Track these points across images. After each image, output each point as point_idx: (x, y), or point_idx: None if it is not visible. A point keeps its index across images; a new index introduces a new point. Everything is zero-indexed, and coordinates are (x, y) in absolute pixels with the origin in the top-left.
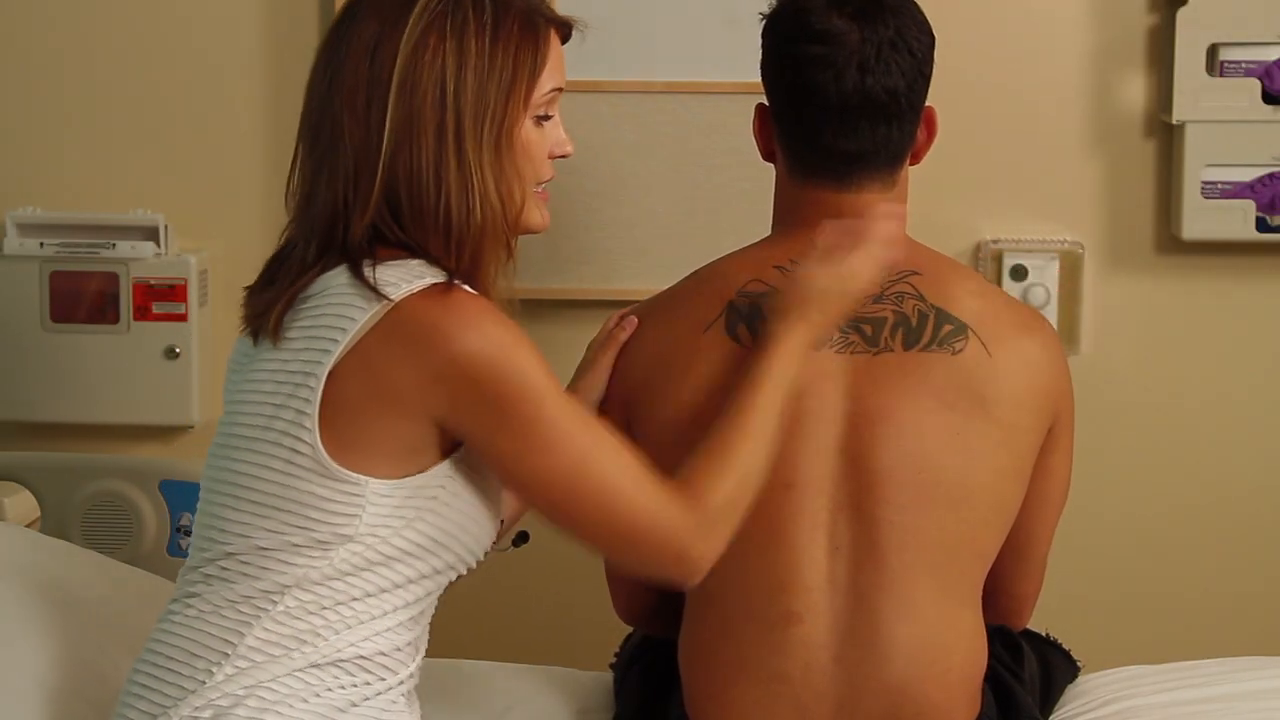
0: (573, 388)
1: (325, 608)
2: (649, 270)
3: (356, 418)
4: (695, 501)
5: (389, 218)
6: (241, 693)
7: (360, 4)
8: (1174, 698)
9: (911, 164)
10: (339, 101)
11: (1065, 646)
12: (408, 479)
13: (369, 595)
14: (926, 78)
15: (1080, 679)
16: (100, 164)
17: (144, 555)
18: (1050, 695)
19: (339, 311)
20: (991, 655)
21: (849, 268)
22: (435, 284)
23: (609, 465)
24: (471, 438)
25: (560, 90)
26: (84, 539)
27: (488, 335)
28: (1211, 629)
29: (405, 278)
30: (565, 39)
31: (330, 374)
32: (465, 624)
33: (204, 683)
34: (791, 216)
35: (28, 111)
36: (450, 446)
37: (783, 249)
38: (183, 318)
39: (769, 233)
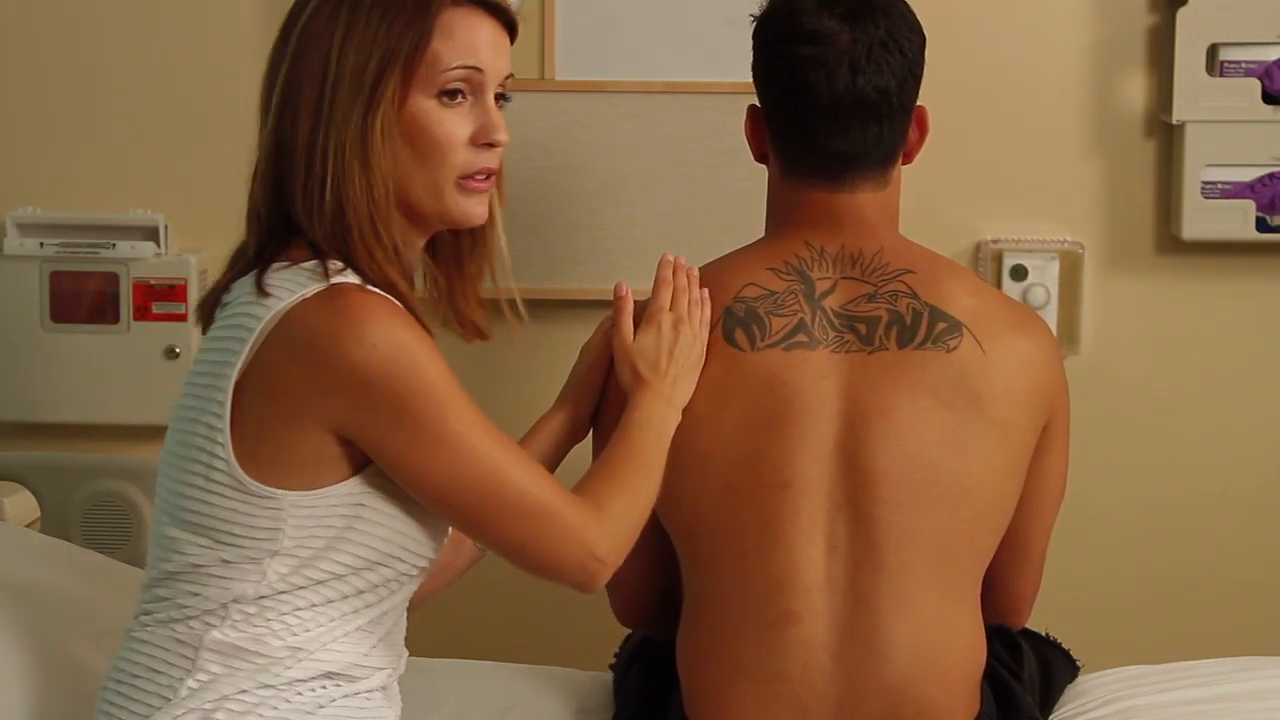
0: (565, 395)
1: (271, 619)
2: (649, 270)
3: (263, 429)
4: (596, 507)
5: (298, 201)
6: (209, 706)
7: None
8: (1174, 698)
9: (904, 164)
10: (264, 86)
11: (1065, 646)
12: (328, 489)
13: (315, 605)
14: (917, 77)
15: (1080, 679)
16: (100, 164)
17: (143, 555)
18: (1050, 695)
19: (239, 322)
20: (991, 654)
21: (663, 314)
22: (329, 287)
23: (515, 467)
24: (371, 446)
25: (478, 70)
26: (84, 539)
27: (380, 339)
28: (1211, 629)
29: (299, 282)
30: (509, 28)
31: (236, 385)
32: (465, 624)
33: (169, 699)
34: (785, 218)
35: (28, 111)
36: (365, 455)
37: (777, 251)
38: (183, 318)
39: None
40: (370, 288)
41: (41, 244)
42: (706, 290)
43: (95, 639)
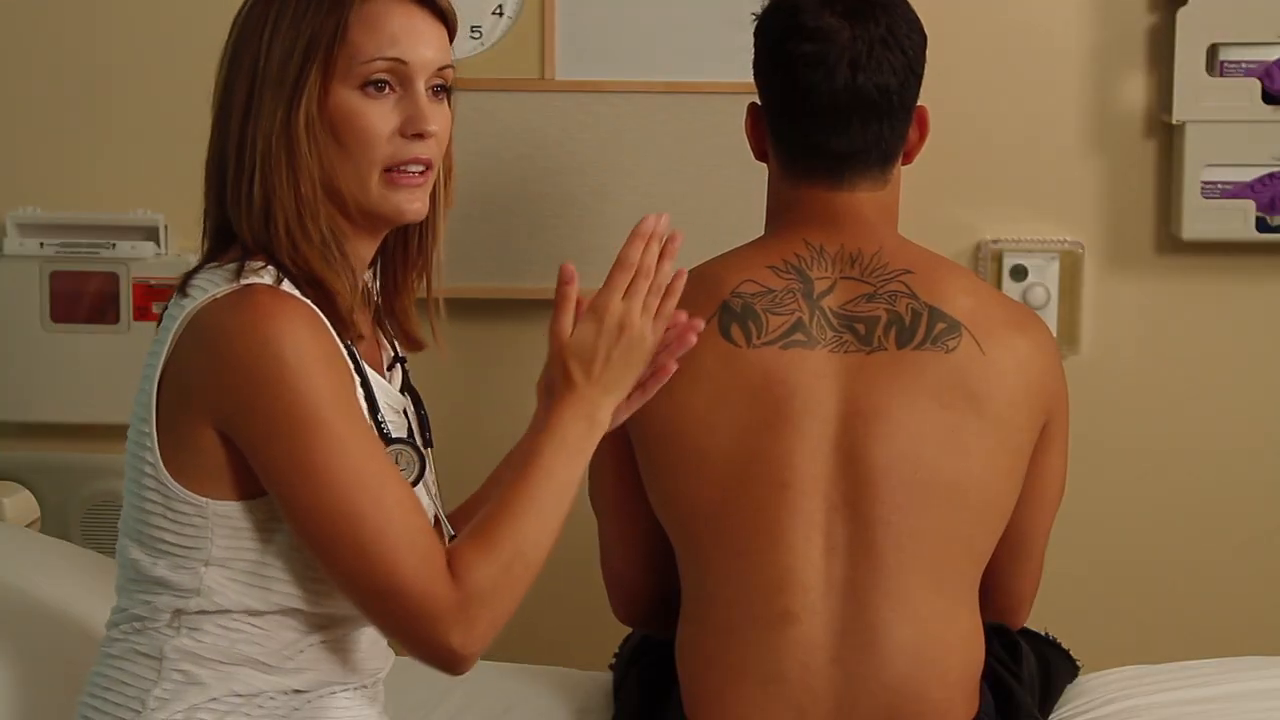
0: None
1: (227, 628)
2: None
3: (177, 431)
4: (458, 584)
5: (217, 203)
6: (180, 716)
7: None
8: (1174, 698)
9: (904, 163)
10: (216, 82)
11: (1065, 646)
12: (253, 500)
13: (270, 620)
14: (918, 76)
15: (1080, 679)
16: (100, 164)
17: None
18: (1050, 695)
19: (164, 324)
20: (990, 654)
21: (609, 309)
22: (241, 286)
23: (379, 511)
24: (249, 451)
25: (401, 61)
26: (84, 539)
27: (275, 343)
28: (1211, 629)
29: (214, 282)
30: (441, 18)
31: (158, 388)
32: None
33: (139, 711)
34: (785, 216)
35: (28, 111)
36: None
37: (776, 249)
38: None
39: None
40: (285, 289)
41: (41, 244)
42: (682, 272)
43: (94, 640)
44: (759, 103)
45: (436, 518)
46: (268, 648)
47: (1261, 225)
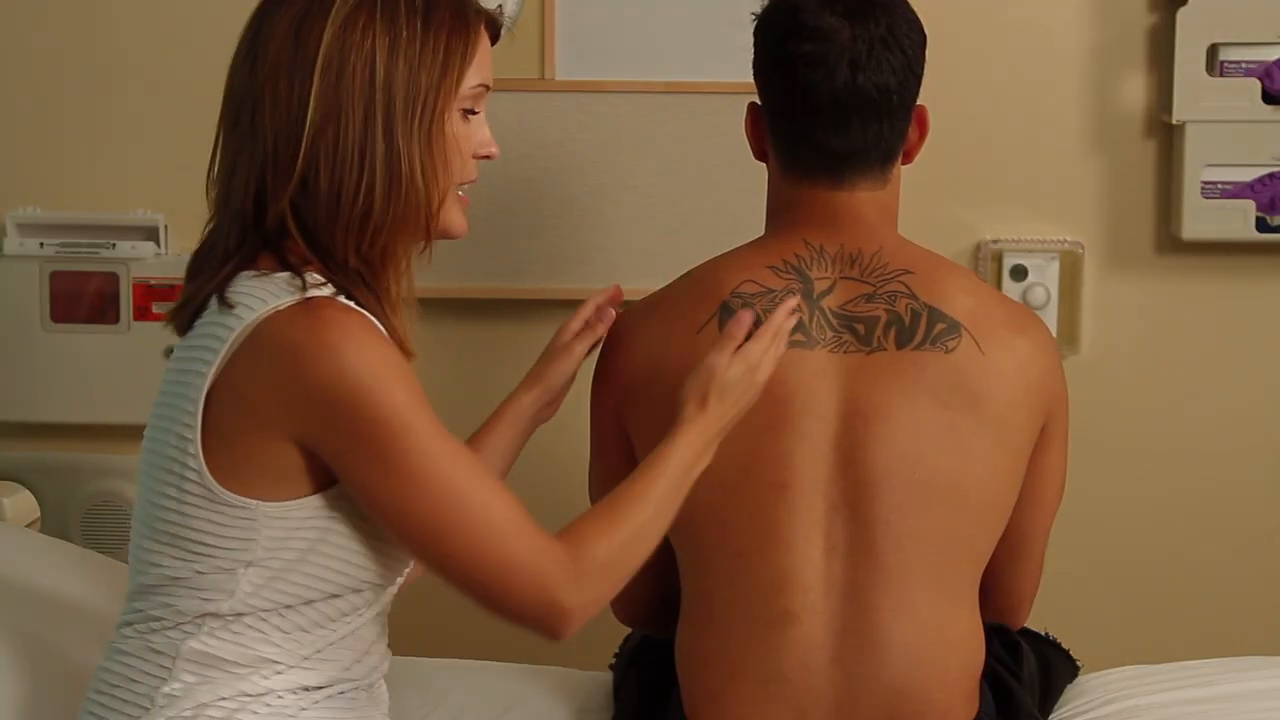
0: (538, 372)
1: (250, 627)
2: (649, 270)
3: (233, 441)
4: (575, 552)
5: (303, 201)
6: (188, 713)
7: None
8: (1174, 698)
9: (904, 163)
10: (261, 81)
11: (1065, 646)
12: (300, 500)
13: (291, 615)
14: (918, 76)
15: (1080, 679)
16: (100, 164)
17: None
18: (1050, 695)
19: (210, 331)
20: (990, 654)
21: (755, 358)
22: (302, 300)
23: (481, 501)
24: (332, 461)
25: (487, 88)
26: (84, 539)
27: (350, 358)
28: (1211, 629)
29: (272, 292)
30: (494, 38)
31: (207, 397)
32: (465, 624)
33: (147, 708)
34: (785, 216)
35: (28, 111)
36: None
37: (776, 249)
38: None
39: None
40: (347, 303)
41: (41, 244)
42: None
43: (95, 639)
44: (759, 102)
45: None
46: (285, 648)
47: (1261, 225)
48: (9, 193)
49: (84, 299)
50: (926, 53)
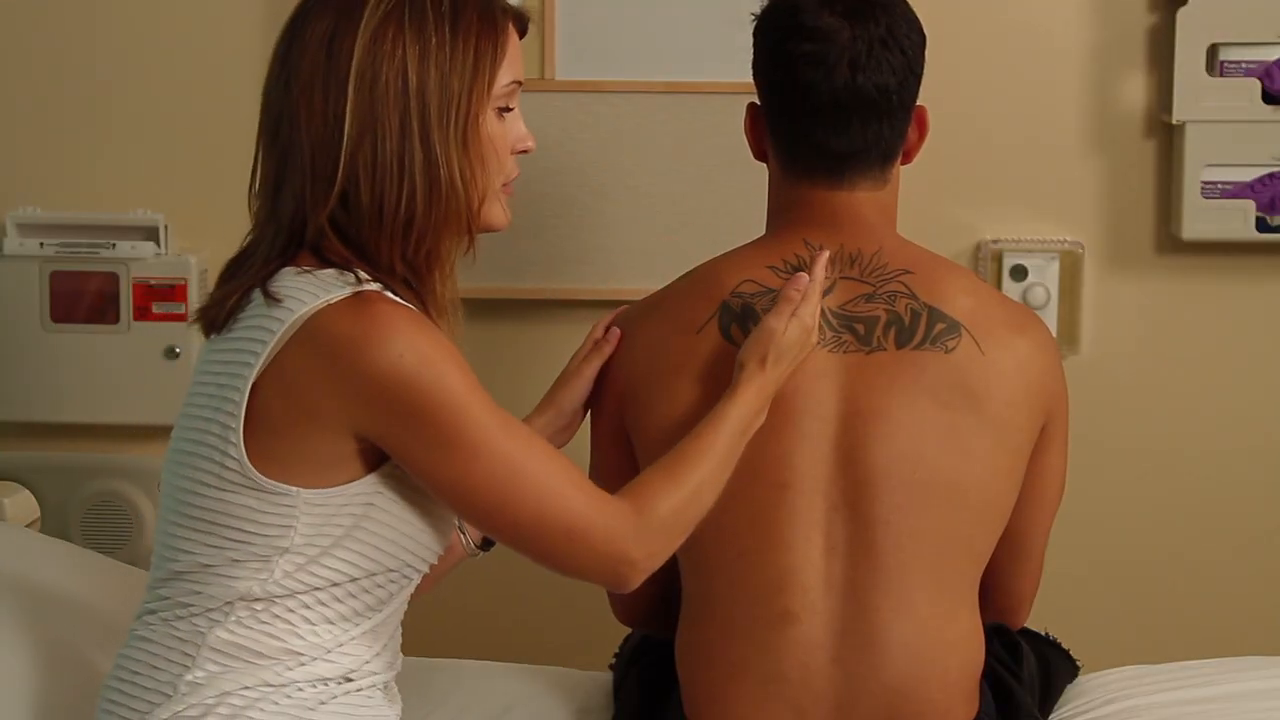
0: (550, 396)
1: (277, 616)
2: (649, 270)
3: (279, 431)
4: (639, 507)
5: (344, 211)
6: (211, 701)
7: (314, 0)
8: (1174, 698)
9: (903, 163)
10: (296, 96)
11: (1065, 646)
12: (339, 488)
13: (321, 604)
14: (917, 76)
15: (1080, 679)
16: (100, 164)
17: (144, 555)
18: (1050, 695)
19: (257, 324)
20: (990, 654)
21: (810, 320)
22: (353, 294)
23: (540, 469)
24: (395, 450)
25: (519, 83)
26: (84, 539)
27: (405, 348)
28: (1211, 629)
29: (321, 287)
30: (522, 33)
31: (253, 388)
32: (465, 624)
33: (169, 695)
34: (785, 216)
35: (28, 111)
36: (380, 455)
37: (776, 249)
38: (183, 318)
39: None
40: (394, 298)
41: (41, 244)
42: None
43: (95, 639)
44: (758, 103)
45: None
46: (309, 640)
47: (1261, 225)
48: (9, 193)
49: (84, 299)
50: (926, 53)
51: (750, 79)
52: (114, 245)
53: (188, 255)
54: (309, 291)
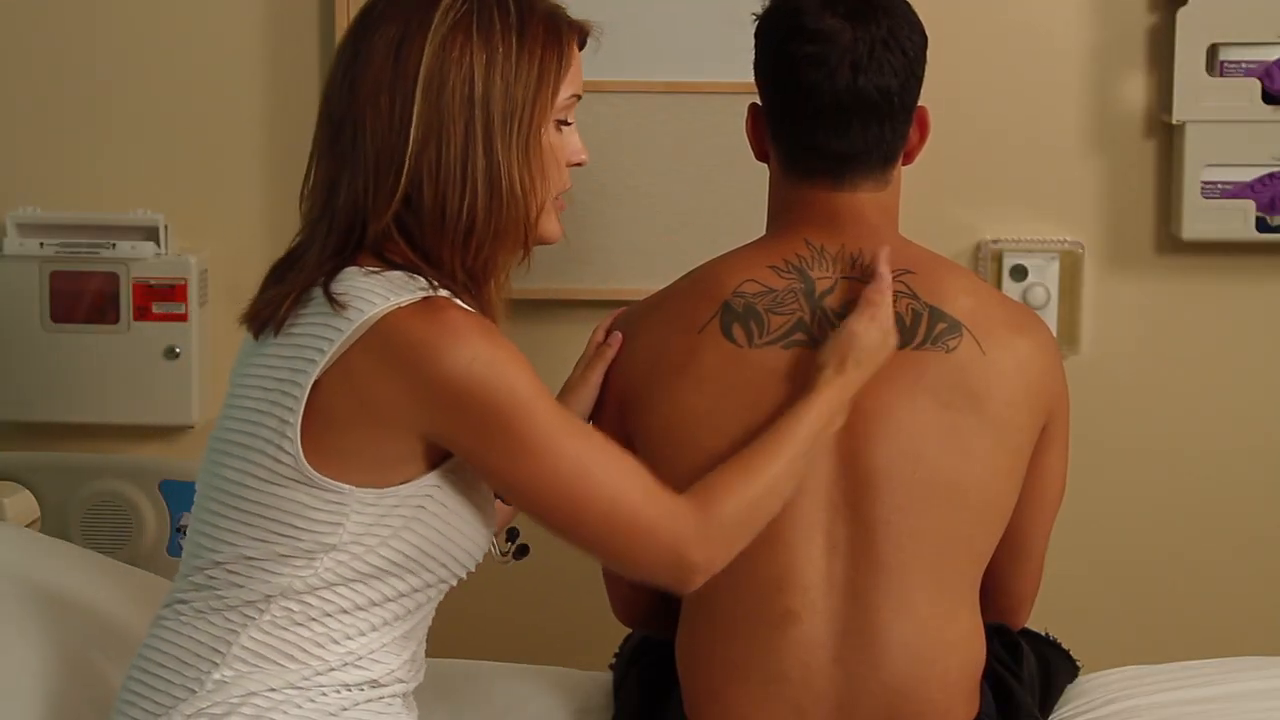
0: (560, 403)
1: (313, 619)
2: (649, 270)
3: (340, 430)
4: (705, 510)
5: (406, 216)
6: (236, 700)
7: (380, 5)
8: (1174, 698)
9: (904, 164)
10: (362, 101)
11: (1065, 646)
12: (392, 488)
13: (359, 608)
14: (919, 77)
15: (1080, 679)
16: (100, 164)
17: (144, 555)
18: (1050, 695)
19: (321, 320)
20: (990, 654)
21: (889, 323)
22: (423, 299)
23: (607, 469)
24: (463, 452)
25: (578, 97)
26: (84, 539)
27: (474, 352)
28: (1211, 629)
29: (390, 290)
30: (582, 46)
31: (314, 386)
32: (465, 624)
33: (195, 691)
34: (785, 216)
35: (28, 111)
36: (437, 457)
37: (777, 249)
38: (183, 318)
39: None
40: (462, 305)
41: (41, 244)
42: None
43: (94, 639)
44: (759, 103)
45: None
46: (340, 645)
47: (1261, 225)
48: (9, 193)
49: (84, 299)
50: (927, 53)
51: (751, 79)
52: (114, 245)
53: (188, 255)
54: (378, 293)
